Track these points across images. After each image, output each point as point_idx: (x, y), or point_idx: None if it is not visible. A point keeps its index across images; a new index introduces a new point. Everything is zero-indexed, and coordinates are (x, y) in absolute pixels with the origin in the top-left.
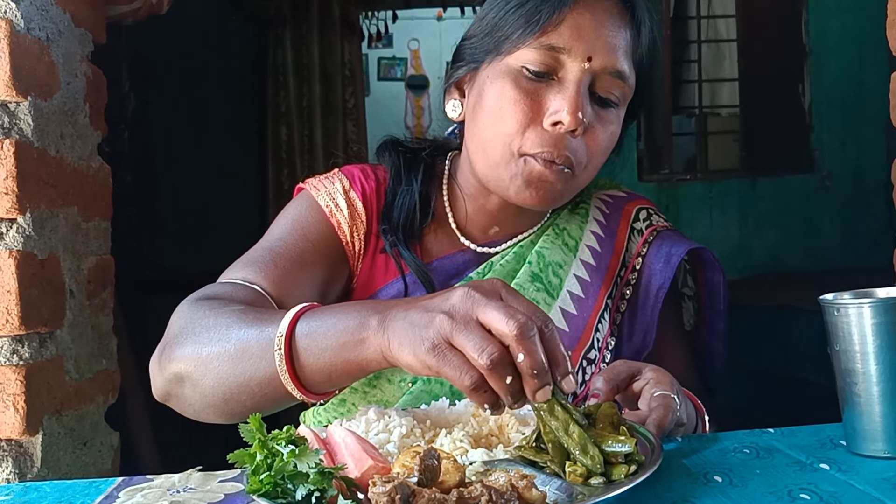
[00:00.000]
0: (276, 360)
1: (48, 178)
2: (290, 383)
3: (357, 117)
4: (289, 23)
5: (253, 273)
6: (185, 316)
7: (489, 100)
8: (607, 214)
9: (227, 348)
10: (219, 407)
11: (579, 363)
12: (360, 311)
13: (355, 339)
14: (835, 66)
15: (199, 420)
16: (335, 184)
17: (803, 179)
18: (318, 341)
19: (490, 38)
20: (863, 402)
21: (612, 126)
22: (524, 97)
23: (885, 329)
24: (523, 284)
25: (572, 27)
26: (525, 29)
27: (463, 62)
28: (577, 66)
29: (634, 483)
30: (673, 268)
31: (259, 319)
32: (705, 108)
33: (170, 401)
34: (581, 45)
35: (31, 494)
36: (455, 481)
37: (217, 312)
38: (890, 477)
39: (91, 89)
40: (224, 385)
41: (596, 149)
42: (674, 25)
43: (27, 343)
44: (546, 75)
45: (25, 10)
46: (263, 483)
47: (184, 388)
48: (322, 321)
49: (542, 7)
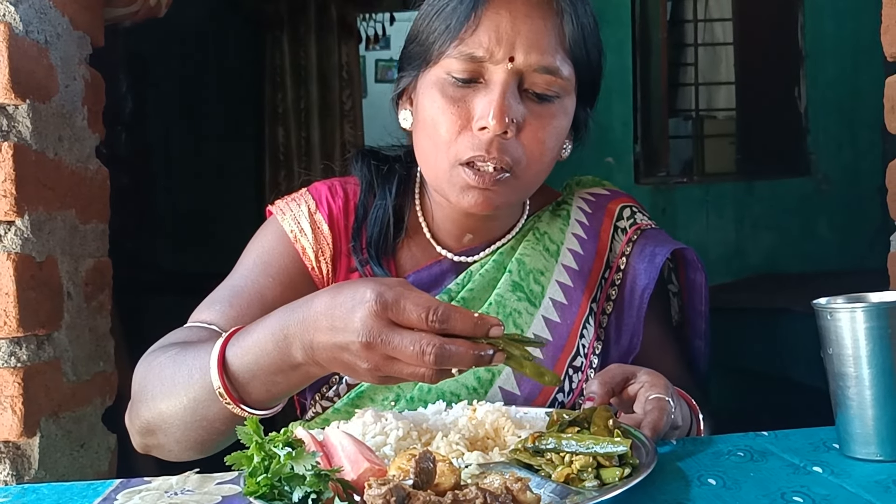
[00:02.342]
0: (218, 395)
1: (46, 180)
2: (237, 409)
3: (354, 119)
4: (286, 25)
5: (212, 314)
6: (143, 371)
7: (423, 111)
8: (590, 214)
9: (181, 401)
10: (195, 448)
11: (565, 371)
12: (278, 344)
13: (289, 367)
14: (831, 70)
15: (185, 461)
16: (301, 206)
17: (799, 182)
18: (250, 369)
19: (420, 46)
20: (855, 406)
21: (556, 120)
22: (452, 105)
23: (878, 333)
24: (504, 294)
25: (489, 29)
26: (444, 35)
27: (404, 72)
28: (499, 69)
29: (629, 486)
30: (657, 268)
31: (195, 358)
32: (702, 112)
33: (150, 451)
34: (501, 47)
35: (28, 496)
36: (450, 484)
37: (163, 363)
38: (882, 480)
39: (89, 92)
40: (191, 431)
41: (536, 147)
42: (671, 29)
43: (25, 345)
44: (472, 80)
45: (24, 13)
46: (260, 485)
47: (157, 438)
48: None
49: (458, 10)
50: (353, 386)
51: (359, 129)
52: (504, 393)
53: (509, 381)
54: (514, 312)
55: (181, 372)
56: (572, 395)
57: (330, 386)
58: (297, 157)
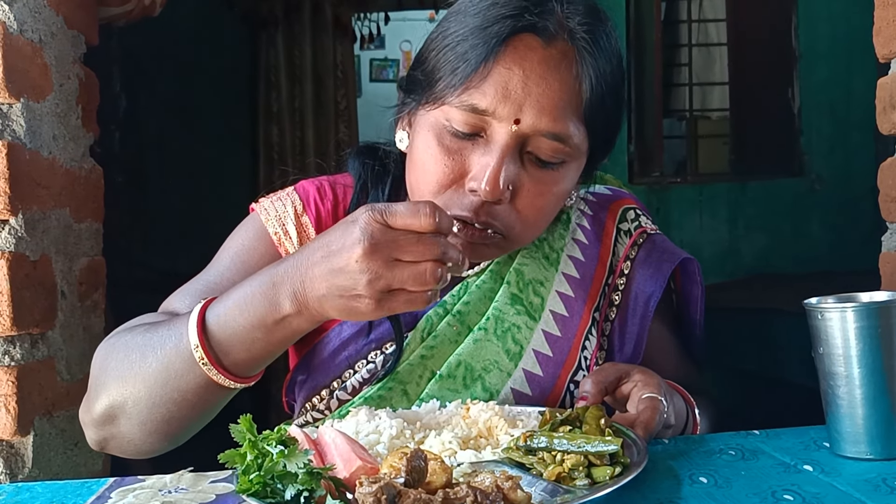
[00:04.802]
0: (197, 359)
1: (40, 179)
2: (219, 375)
3: (349, 118)
4: (281, 24)
5: (182, 305)
6: (104, 352)
7: (416, 151)
8: (591, 216)
9: (151, 370)
10: (160, 431)
11: (566, 387)
12: (265, 293)
13: (273, 321)
14: (824, 70)
15: (142, 456)
16: (287, 207)
17: (792, 183)
18: (233, 332)
19: (424, 76)
20: (846, 405)
21: (557, 187)
22: (446, 157)
23: (868, 333)
24: (502, 308)
25: (498, 84)
26: (449, 80)
27: (408, 96)
28: (503, 129)
29: (619, 484)
30: (665, 277)
31: (167, 328)
32: (695, 112)
33: (107, 446)
34: (507, 106)
35: (23, 495)
36: (442, 482)
37: (126, 342)
38: (872, 478)
39: (83, 91)
40: (160, 406)
41: (531, 213)
42: (665, 29)
43: (19, 344)
44: (473, 135)
45: (18, 12)
46: (253, 483)
47: (118, 426)
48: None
49: (469, 56)
50: (344, 402)
51: (353, 128)
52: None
53: (508, 401)
54: (514, 327)
55: (152, 342)
56: None
57: (321, 399)
58: (292, 155)
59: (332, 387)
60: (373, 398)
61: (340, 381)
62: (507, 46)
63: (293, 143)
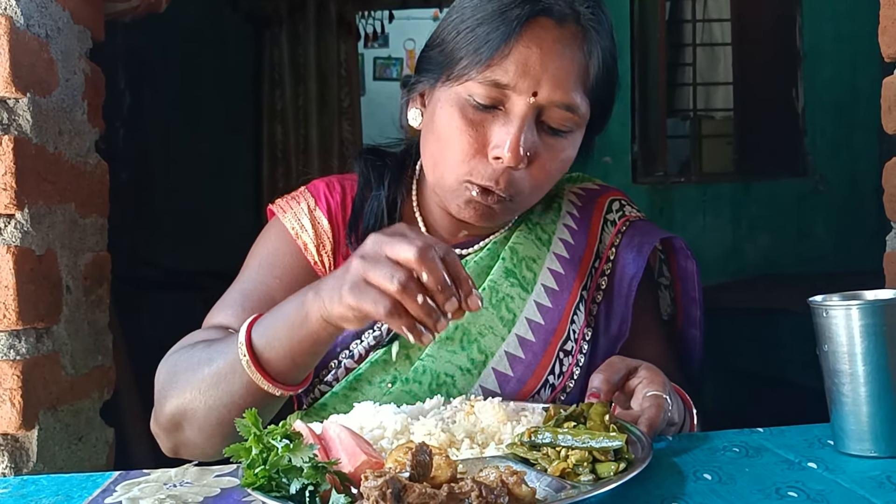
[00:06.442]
0: (244, 365)
1: (46, 174)
2: (264, 382)
3: (353, 117)
4: (285, 22)
5: (225, 317)
6: (167, 367)
7: (439, 125)
8: (580, 207)
9: (204, 379)
10: (216, 434)
11: (556, 355)
12: (299, 294)
13: (300, 318)
14: (829, 70)
15: (209, 459)
16: (301, 204)
17: (796, 183)
18: (272, 334)
19: (443, 56)
20: (850, 403)
21: (565, 153)
22: (469, 128)
23: (873, 331)
24: (497, 280)
25: (518, 62)
26: (472, 59)
27: (423, 75)
28: (522, 101)
29: (623, 480)
30: (645, 256)
31: (221, 343)
32: (699, 112)
33: (179, 451)
34: (526, 81)
35: (28, 487)
36: (447, 477)
37: (186, 357)
38: (876, 476)
39: (89, 86)
40: (214, 411)
41: (542, 178)
42: (669, 29)
43: (24, 338)
44: (492, 107)
45: (25, 6)
46: (258, 477)
47: (184, 432)
48: (270, 317)
49: (491, 37)
50: (350, 369)
51: (357, 126)
52: (497, 374)
53: (502, 362)
54: (507, 297)
55: (207, 355)
56: (562, 377)
57: (329, 370)
58: (296, 154)
59: (339, 357)
60: (378, 362)
61: (348, 350)
62: (525, 28)
63: (297, 141)
